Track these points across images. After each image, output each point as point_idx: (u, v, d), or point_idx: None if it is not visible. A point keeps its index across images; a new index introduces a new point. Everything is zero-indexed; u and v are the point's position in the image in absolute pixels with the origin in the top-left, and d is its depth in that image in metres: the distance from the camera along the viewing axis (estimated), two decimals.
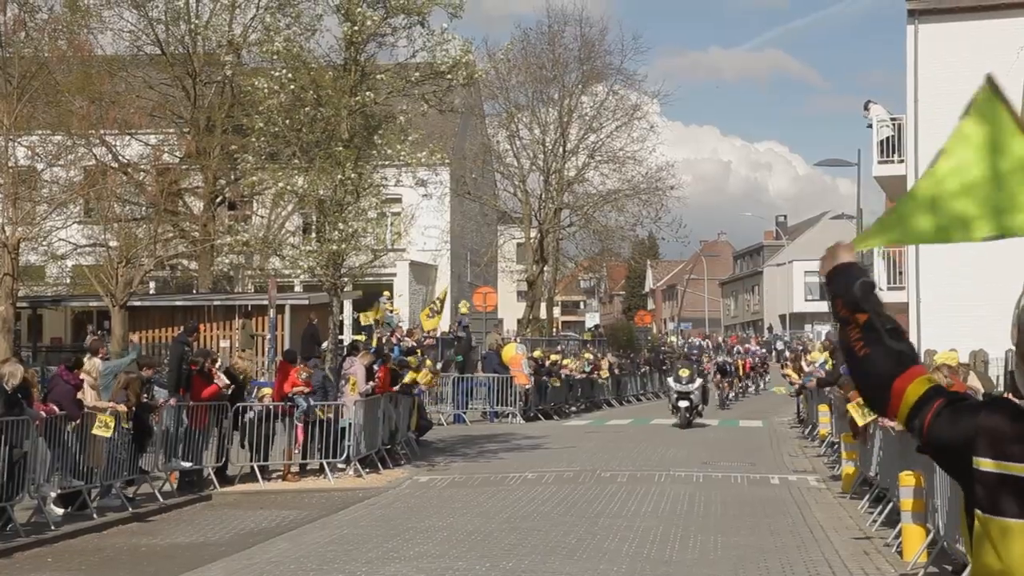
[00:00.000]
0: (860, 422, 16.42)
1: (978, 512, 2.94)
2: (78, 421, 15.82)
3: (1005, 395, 13.36)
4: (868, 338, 3.07)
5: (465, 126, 50.54)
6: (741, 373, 51.05)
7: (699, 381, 32.69)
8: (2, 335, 30.00)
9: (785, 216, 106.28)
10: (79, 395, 16.34)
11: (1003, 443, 2.90)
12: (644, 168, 52.19)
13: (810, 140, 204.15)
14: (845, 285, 3.16)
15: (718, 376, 44.40)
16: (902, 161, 29.90)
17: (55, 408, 15.51)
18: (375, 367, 22.49)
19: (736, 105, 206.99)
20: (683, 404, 31.65)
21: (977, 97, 3.16)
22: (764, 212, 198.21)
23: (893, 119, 30.86)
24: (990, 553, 2.92)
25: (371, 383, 21.89)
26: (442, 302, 39.54)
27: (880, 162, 31.14)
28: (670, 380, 33.64)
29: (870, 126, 31.84)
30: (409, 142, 23.53)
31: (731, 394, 45.16)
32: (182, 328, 25.22)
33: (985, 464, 2.91)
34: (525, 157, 52.48)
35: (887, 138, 30.94)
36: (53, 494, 15.49)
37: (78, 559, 13.69)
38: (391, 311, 37.01)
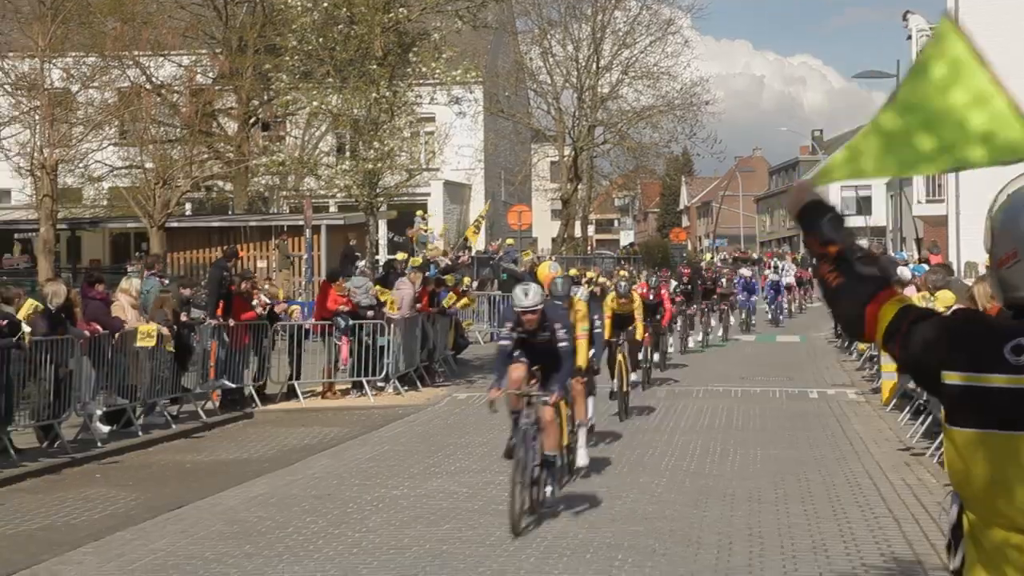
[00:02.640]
0: None
1: (945, 425, 3.00)
2: (118, 335, 15.99)
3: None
4: (840, 268, 3.18)
5: (498, 43, 50.10)
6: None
7: None
8: (43, 256, 30.29)
9: (821, 131, 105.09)
10: (120, 314, 16.52)
11: (965, 354, 2.95)
12: (678, 84, 51.73)
13: (844, 54, 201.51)
14: (816, 222, 3.26)
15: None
16: None
17: (98, 327, 15.68)
18: (416, 288, 22.50)
19: (768, 19, 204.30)
20: None
21: (937, 32, 3.19)
22: (799, 127, 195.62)
23: (932, 28, 30.37)
24: (959, 464, 2.97)
25: (417, 303, 21.86)
26: (483, 218, 39.70)
27: None
28: None
29: (909, 37, 31.36)
30: (443, 59, 23.40)
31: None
32: (222, 252, 25.31)
33: (951, 377, 2.97)
34: (558, 74, 52.08)
35: None
36: (99, 412, 15.69)
37: (126, 475, 13.90)
38: (425, 231, 37.05)
